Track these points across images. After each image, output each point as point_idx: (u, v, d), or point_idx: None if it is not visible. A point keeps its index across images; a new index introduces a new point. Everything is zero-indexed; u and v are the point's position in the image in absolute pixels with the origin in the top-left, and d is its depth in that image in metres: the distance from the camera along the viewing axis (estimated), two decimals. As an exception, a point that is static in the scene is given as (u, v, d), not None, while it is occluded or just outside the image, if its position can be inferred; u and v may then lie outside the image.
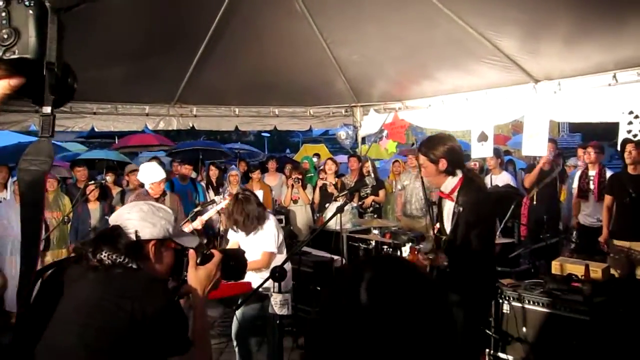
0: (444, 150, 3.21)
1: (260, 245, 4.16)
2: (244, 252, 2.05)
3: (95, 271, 1.63)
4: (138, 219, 1.77)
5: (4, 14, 0.77)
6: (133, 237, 1.74)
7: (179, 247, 1.87)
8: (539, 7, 4.76)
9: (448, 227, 3.34)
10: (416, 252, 3.53)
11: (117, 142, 14.72)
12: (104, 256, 1.67)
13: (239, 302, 4.06)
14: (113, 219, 1.82)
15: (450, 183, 3.25)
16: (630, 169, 5.60)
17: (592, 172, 6.41)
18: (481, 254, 3.14)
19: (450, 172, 3.24)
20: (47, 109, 0.79)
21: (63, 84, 0.83)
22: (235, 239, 4.39)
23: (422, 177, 3.71)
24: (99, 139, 17.84)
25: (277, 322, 3.15)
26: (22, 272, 0.84)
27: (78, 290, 1.61)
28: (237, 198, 4.22)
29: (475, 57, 5.79)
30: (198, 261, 1.86)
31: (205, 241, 6.85)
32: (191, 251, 1.87)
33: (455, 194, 3.24)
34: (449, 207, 3.33)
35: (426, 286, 0.92)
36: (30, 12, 0.78)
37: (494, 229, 3.40)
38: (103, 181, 6.88)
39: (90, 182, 6.37)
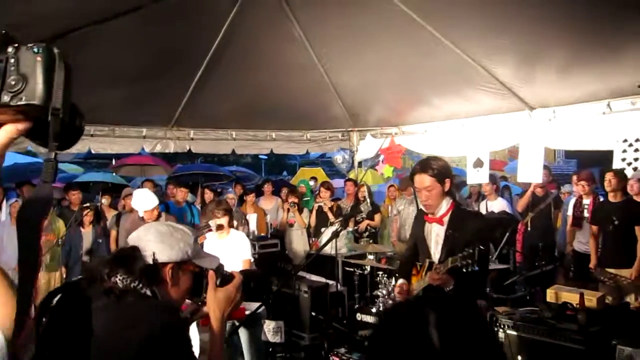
0: (448, 168, 3.19)
1: (237, 253, 4.19)
2: (261, 273, 2.01)
3: (107, 297, 1.57)
4: (155, 241, 1.71)
5: (12, 60, 0.79)
6: (150, 260, 1.69)
7: (198, 268, 1.81)
8: (534, 36, 4.82)
9: (435, 252, 3.26)
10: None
11: (114, 163, 14.70)
12: (119, 279, 1.62)
13: (234, 327, 4.02)
14: (132, 240, 1.77)
15: (445, 206, 3.19)
16: (610, 197, 5.67)
17: (587, 201, 6.43)
18: (482, 278, 3.15)
19: (448, 194, 3.19)
20: (51, 155, 0.79)
21: (70, 127, 0.84)
22: (210, 249, 4.41)
23: (416, 201, 3.70)
24: (95, 160, 17.82)
25: (270, 349, 3.13)
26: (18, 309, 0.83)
27: (91, 321, 1.57)
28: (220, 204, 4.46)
29: (471, 84, 5.85)
30: (217, 283, 1.81)
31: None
32: (210, 272, 1.81)
33: (447, 217, 3.18)
34: (436, 233, 3.25)
35: (485, 326, 1.01)
36: (39, 58, 0.80)
37: (488, 254, 3.33)
38: (99, 204, 6.86)
39: (84, 205, 6.35)
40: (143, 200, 5.21)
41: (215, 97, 6.62)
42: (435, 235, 3.26)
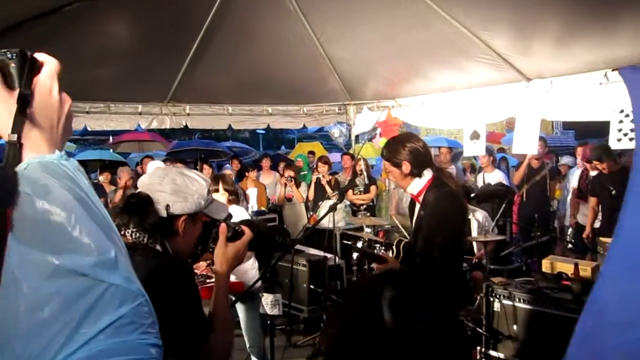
0: (405, 152, 2.99)
1: None
2: (265, 223, 2.00)
3: None
4: (170, 192, 1.67)
5: None
6: (163, 212, 1.65)
7: (209, 219, 1.79)
8: (530, 7, 4.77)
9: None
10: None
11: (111, 140, 14.69)
12: (129, 233, 1.61)
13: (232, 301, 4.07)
14: (144, 187, 1.72)
15: (418, 184, 3.03)
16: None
17: (593, 173, 6.48)
18: (442, 266, 2.85)
19: (415, 174, 3.02)
20: (13, 137, 0.74)
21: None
22: None
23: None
24: (92, 137, 17.79)
25: (268, 322, 3.17)
26: None
27: None
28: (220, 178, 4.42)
29: (467, 56, 5.81)
30: (228, 236, 1.78)
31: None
32: (222, 226, 1.78)
33: (422, 196, 3.03)
34: (417, 211, 3.10)
35: (442, 303, 0.93)
36: (13, 65, 0.77)
37: (461, 238, 3.17)
38: (96, 181, 6.86)
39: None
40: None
41: (211, 72, 6.57)
42: (416, 214, 3.13)
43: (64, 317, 0.66)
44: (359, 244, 6.01)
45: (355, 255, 3.28)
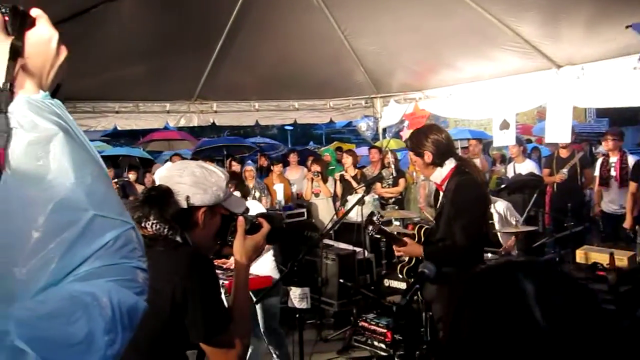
0: (428, 143, 3.14)
1: None
2: (282, 216, 2.02)
3: None
4: (190, 184, 1.69)
5: None
6: (183, 203, 1.68)
7: (228, 212, 1.81)
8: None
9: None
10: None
11: (141, 139, 14.92)
12: (149, 225, 1.64)
13: (260, 295, 4.08)
14: (163, 180, 1.74)
15: (441, 173, 3.16)
16: None
17: (614, 159, 6.30)
18: (465, 249, 2.95)
19: (437, 163, 3.15)
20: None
21: None
22: None
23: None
24: (124, 138, 18.09)
25: (297, 315, 3.17)
26: None
27: None
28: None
29: (495, 44, 5.70)
30: (247, 229, 1.81)
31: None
32: (240, 219, 1.80)
33: (445, 184, 3.15)
34: (440, 198, 3.24)
35: (590, 295, 0.82)
36: (6, 18, 0.83)
37: (481, 224, 3.20)
38: (126, 179, 6.98)
39: (112, 180, 6.48)
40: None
41: (236, 68, 6.61)
42: (439, 201, 3.26)
43: (54, 244, 0.71)
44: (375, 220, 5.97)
45: (371, 229, 3.28)
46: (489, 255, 5.05)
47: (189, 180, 1.70)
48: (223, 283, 3.73)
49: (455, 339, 0.82)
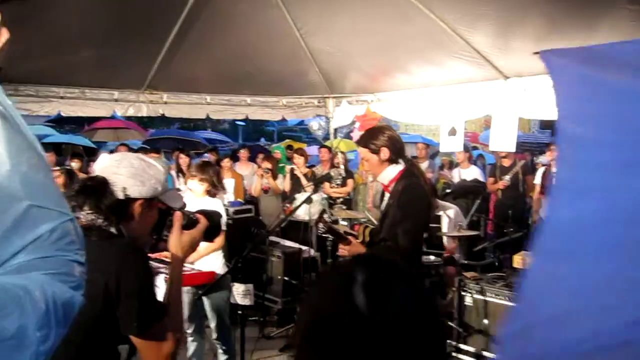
0: (384, 138, 3.13)
1: None
2: (220, 214, 2.02)
3: None
4: (128, 176, 1.67)
5: None
6: (120, 194, 1.65)
7: (165, 206, 1.80)
8: (511, 5, 4.81)
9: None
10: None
11: (86, 127, 14.49)
12: (83, 215, 1.59)
13: (204, 290, 4.04)
14: (100, 170, 1.71)
15: (389, 174, 3.14)
16: None
17: (555, 170, 6.55)
18: (407, 252, 2.97)
19: (393, 160, 3.13)
20: None
21: None
22: None
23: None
24: (68, 125, 17.52)
25: (240, 312, 3.15)
26: None
27: None
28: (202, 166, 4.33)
29: (447, 52, 5.82)
30: (184, 224, 1.80)
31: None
32: (177, 213, 1.79)
33: (392, 186, 3.14)
34: (386, 199, 3.24)
35: (418, 285, 0.89)
36: None
37: (424, 229, 3.28)
38: (68, 167, 6.75)
39: (55, 168, 6.25)
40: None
41: (189, 60, 6.49)
42: (385, 202, 3.25)
43: None
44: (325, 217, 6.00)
45: (321, 226, 3.32)
46: (432, 257, 5.18)
47: (127, 172, 1.68)
48: (166, 277, 3.67)
49: (298, 329, 0.89)
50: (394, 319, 0.80)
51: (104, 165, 1.73)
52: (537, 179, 6.89)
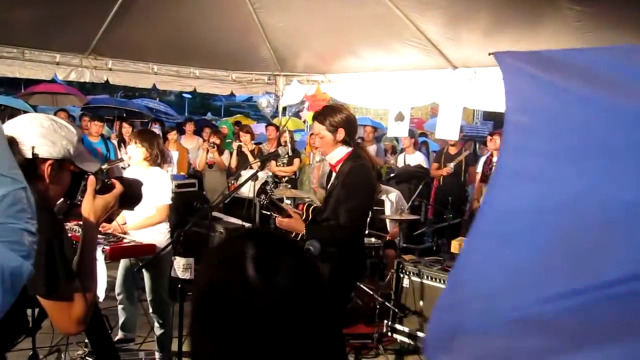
0: (342, 118, 3.14)
1: (155, 197, 3.96)
2: (141, 183, 1.98)
3: None
4: (37, 135, 1.64)
5: None
6: (29, 154, 1.61)
7: (78, 169, 1.77)
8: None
9: None
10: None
11: (23, 90, 13.81)
12: None
13: (143, 263, 3.97)
14: (10, 130, 1.65)
15: (338, 154, 3.17)
16: None
17: (497, 159, 6.75)
18: (347, 231, 3.04)
19: (346, 142, 3.16)
20: None
21: None
22: None
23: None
24: (2, 87, 16.69)
25: (179, 285, 3.12)
26: None
27: None
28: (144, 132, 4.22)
29: (399, 38, 5.89)
30: (97, 188, 1.78)
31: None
32: (91, 177, 1.77)
33: (339, 166, 3.17)
34: (332, 179, 3.27)
35: (304, 257, 0.94)
36: None
37: (367, 210, 3.36)
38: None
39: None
40: None
41: (138, 27, 6.27)
42: (330, 182, 3.30)
43: None
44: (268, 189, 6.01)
45: (263, 198, 3.32)
46: (373, 239, 5.28)
47: (36, 132, 1.64)
48: (104, 248, 3.59)
49: (192, 303, 0.91)
50: (282, 289, 0.84)
51: (14, 124, 1.68)
52: (479, 168, 7.11)
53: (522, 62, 1.46)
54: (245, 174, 7.06)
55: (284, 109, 8.50)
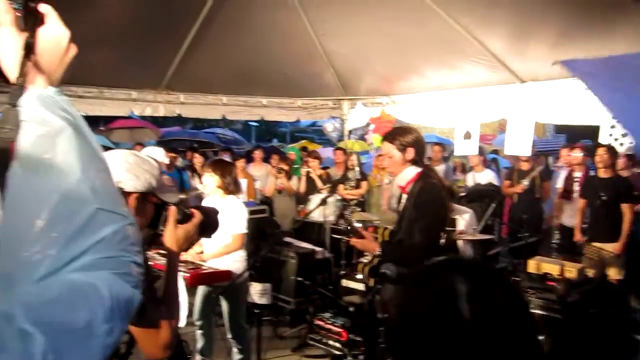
0: (412, 139, 3.18)
1: (231, 226, 4.06)
2: (217, 211, 2.05)
3: None
4: (122, 170, 1.73)
5: None
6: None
7: (160, 201, 1.85)
8: (527, 9, 4.81)
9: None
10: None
11: (102, 127, 14.61)
12: None
13: (219, 290, 4.07)
14: None
15: (408, 174, 3.18)
16: (600, 172, 5.75)
17: (578, 174, 6.49)
18: (422, 249, 3.00)
19: (416, 162, 3.18)
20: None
21: None
22: None
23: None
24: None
25: (257, 311, 3.19)
26: None
27: None
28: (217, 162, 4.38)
29: (463, 56, 5.83)
30: (178, 219, 1.85)
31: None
32: (172, 208, 1.84)
33: (410, 187, 3.18)
34: (403, 202, 3.28)
35: (514, 291, 0.93)
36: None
37: (441, 229, 3.29)
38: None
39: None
40: (156, 155, 5.04)
41: (207, 61, 6.55)
42: (402, 204, 3.30)
43: (56, 234, 0.74)
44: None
45: (344, 222, 3.39)
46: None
47: (123, 167, 1.74)
48: (184, 276, 3.71)
49: (392, 333, 0.94)
50: (495, 325, 0.85)
51: None
52: (559, 183, 6.83)
53: (590, 65, 1.42)
54: (315, 198, 7.15)
55: (350, 132, 8.55)
